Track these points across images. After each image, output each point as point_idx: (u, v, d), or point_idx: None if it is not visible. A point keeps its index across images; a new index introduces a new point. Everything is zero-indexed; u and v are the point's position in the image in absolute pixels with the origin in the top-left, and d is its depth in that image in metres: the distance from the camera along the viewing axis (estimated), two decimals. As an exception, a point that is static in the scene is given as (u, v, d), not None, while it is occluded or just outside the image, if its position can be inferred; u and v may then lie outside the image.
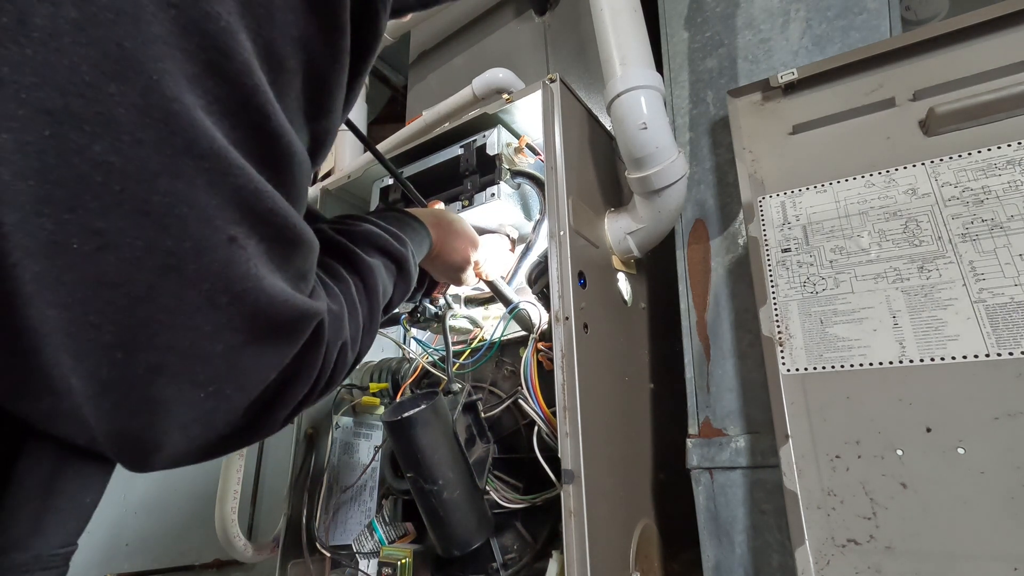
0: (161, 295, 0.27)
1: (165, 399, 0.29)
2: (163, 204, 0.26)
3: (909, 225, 0.66)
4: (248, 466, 1.76)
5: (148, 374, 0.28)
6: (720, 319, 0.82)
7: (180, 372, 0.28)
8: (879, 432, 0.59)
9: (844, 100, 0.76)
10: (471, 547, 0.70)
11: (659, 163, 0.73)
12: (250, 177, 0.29)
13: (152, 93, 0.25)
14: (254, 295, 0.30)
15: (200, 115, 0.26)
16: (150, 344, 0.27)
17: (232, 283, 0.29)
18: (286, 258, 0.32)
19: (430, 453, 0.69)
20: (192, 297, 0.28)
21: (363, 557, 0.85)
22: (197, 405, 0.30)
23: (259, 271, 0.30)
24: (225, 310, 0.29)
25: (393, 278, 0.51)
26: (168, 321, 0.27)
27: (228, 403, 0.31)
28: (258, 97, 0.29)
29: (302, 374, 0.35)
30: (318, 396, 0.39)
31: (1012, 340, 0.56)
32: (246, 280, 0.29)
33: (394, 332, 1.04)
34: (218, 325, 0.29)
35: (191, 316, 0.28)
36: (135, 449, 0.30)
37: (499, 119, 0.88)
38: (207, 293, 0.28)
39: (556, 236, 0.72)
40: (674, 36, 1.00)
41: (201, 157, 0.27)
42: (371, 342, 0.46)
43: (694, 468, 0.78)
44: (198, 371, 0.29)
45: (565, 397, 0.64)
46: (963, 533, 0.52)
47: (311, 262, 0.36)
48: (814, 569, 0.57)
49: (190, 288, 0.27)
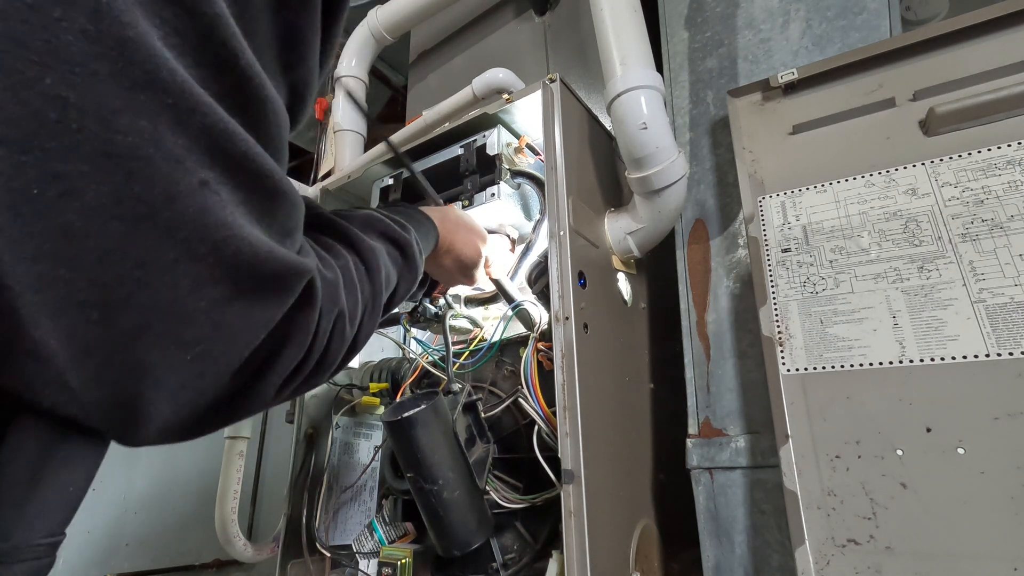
0: (133, 247, 0.25)
1: (150, 363, 0.27)
2: (126, 145, 0.24)
3: (909, 225, 0.66)
4: (248, 466, 1.76)
5: (129, 335, 0.26)
6: (720, 319, 0.82)
7: (163, 332, 0.27)
8: (879, 432, 0.59)
9: (844, 100, 0.76)
10: (471, 547, 0.70)
11: (659, 163, 0.73)
12: (220, 116, 0.26)
13: (102, 18, 0.23)
14: (235, 244, 0.27)
15: (159, 45, 0.24)
16: (128, 302, 0.25)
17: (209, 231, 0.26)
18: (266, 211, 0.30)
19: (430, 453, 0.69)
20: (167, 248, 0.26)
21: (363, 557, 0.85)
22: (184, 368, 0.28)
23: (237, 219, 0.28)
24: (205, 261, 0.27)
25: (398, 266, 0.49)
26: (144, 277, 0.25)
27: (216, 365, 0.29)
28: (221, 30, 0.26)
29: (294, 337, 0.33)
30: (315, 372, 0.37)
31: (1012, 340, 0.56)
32: (224, 228, 0.27)
33: (394, 332, 1.04)
34: (199, 279, 0.27)
35: (169, 270, 0.26)
36: (123, 419, 0.28)
37: (499, 119, 0.88)
38: (184, 243, 0.26)
39: (556, 236, 0.72)
40: (674, 36, 1.00)
41: (164, 91, 0.24)
42: (373, 326, 0.44)
43: (694, 468, 0.78)
44: (182, 331, 0.27)
45: (565, 397, 0.64)
46: (963, 533, 0.52)
47: (295, 219, 0.33)
48: (814, 569, 0.57)
49: (165, 238, 0.25)
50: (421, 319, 0.88)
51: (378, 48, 1.44)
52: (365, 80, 1.45)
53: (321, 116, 1.62)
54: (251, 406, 0.33)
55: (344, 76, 1.40)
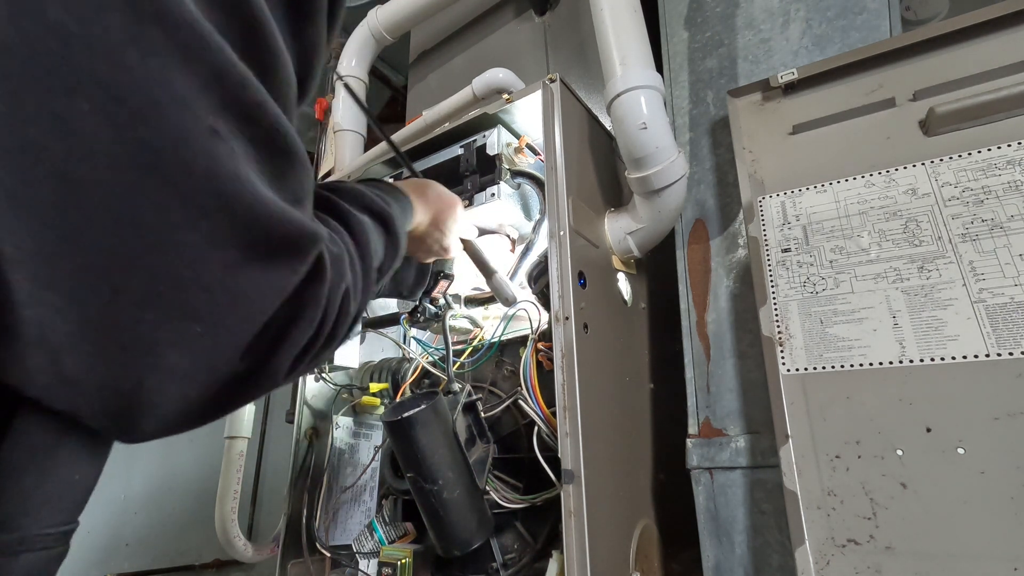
0: (139, 200, 0.22)
1: (157, 338, 0.24)
2: (132, 83, 0.21)
3: (909, 225, 0.66)
4: (248, 466, 1.76)
5: (133, 305, 0.23)
6: (720, 319, 0.82)
7: (172, 302, 0.24)
8: (879, 432, 0.59)
9: (844, 100, 0.76)
10: (471, 547, 0.70)
11: (659, 163, 0.73)
12: (233, 62, 0.24)
13: None
14: (247, 200, 0.25)
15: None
16: (132, 266, 0.23)
17: (220, 183, 0.24)
18: (279, 172, 0.28)
19: (430, 453, 0.69)
20: (174, 202, 0.23)
21: (363, 557, 0.85)
22: (194, 342, 0.25)
23: (249, 175, 0.25)
24: (214, 217, 0.24)
25: (383, 239, 0.47)
26: (151, 238, 0.23)
27: (230, 337, 0.27)
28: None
29: (306, 311, 0.31)
30: (321, 349, 0.34)
31: (1012, 340, 0.56)
32: (236, 181, 0.24)
33: (394, 332, 1.04)
34: (209, 238, 0.24)
35: (177, 228, 0.23)
36: (126, 409, 0.26)
37: (499, 119, 0.88)
38: (192, 196, 0.23)
39: (556, 236, 0.72)
40: (674, 36, 1.00)
41: (175, 27, 0.22)
42: (366, 302, 0.42)
43: (694, 468, 0.78)
44: (192, 300, 0.25)
45: (565, 397, 0.64)
46: (963, 533, 0.52)
47: (307, 186, 0.31)
48: (814, 569, 0.57)
49: (171, 190, 0.23)
50: (421, 319, 0.88)
51: (378, 48, 1.44)
52: (365, 80, 1.45)
53: (321, 116, 1.62)
54: (260, 387, 0.30)
55: (344, 76, 1.40)
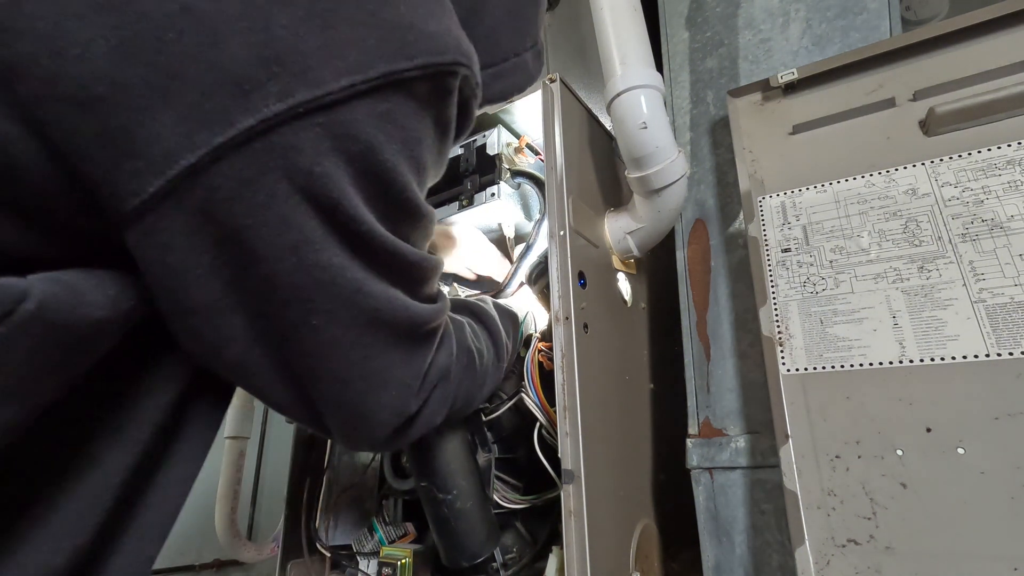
0: (366, 338, 0.39)
1: (368, 406, 0.42)
2: (365, 296, 0.38)
3: (909, 225, 0.66)
4: (248, 466, 1.76)
5: (358, 395, 0.41)
6: (720, 319, 0.82)
7: (370, 382, 0.42)
8: (879, 432, 0.59)
9: (844, 100, 0.76)
10: (479, 559, 0.69)
11: (659, 162, 0.73)
12: (408, 257, 0.41)
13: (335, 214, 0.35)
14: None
15: (364, 208, 0.36)
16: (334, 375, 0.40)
17: (407, 321, 0.42)
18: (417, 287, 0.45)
19: (447, 462, 0.68)
20: (385, 333, 0.40)
21: (363, 557, 0.84)
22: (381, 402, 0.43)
23: (408, 303, 0.44)
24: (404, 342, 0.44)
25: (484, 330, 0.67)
26: (357, 357, 0.40)
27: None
28: (408, 191, 0.38)
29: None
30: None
31: (1012, 340, 0.56)
32: (407, 309, 0.43)
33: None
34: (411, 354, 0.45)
35: (375, 346, 0.40)
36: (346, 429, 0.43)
37: (499, 119, 0.88)
38: (395, 331, 0.41)
39: (556, 236, 0.71)
40: (674, 36, 1.00)
41: (381, 252, 0.39)
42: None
43: (694, 468, 0.78)
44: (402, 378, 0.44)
45: (565, 397, 0.64)
46: (963, 533, 0.52)
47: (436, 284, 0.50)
48: (814, 569, 0.57)
49: (388, 329, 0.41)
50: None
51: (378, 48, 1.43)
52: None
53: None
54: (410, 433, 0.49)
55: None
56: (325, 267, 0.34)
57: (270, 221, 0.31)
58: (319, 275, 0.34)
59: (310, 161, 0.30)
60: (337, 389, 0.39)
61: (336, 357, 0.38)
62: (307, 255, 0.33)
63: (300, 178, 0.30)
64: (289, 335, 0.36)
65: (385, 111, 0.33)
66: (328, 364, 0.38)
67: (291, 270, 0.33)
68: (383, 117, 0.33)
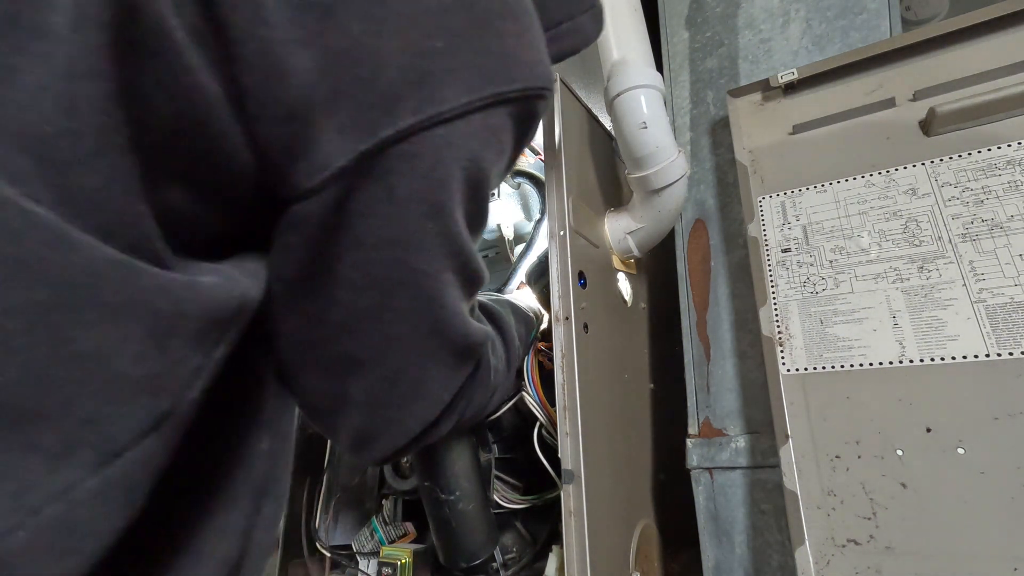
0: (420, 344, 0.41)
1: (403, 412, 0.44)
2: (434, 296, 0.40)
3: (909, 225, 0.66)
4: (248, 466, 1.76)
5: (402, 397, 0.43)
6: (720, 319, 0.82)
7: (404, 391, 0.43)
8: (879, 432, 0.59)
9: (844, 100, 0.76)
10: (478, 560, 0.69)
11: (659, 162, 0.73)
12: (474, 265, 0.43)
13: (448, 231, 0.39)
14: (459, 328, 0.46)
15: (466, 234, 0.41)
16: (401, 378, 0.42)
17: (458, 335, 0.44)
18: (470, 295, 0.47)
19: (452, 461, 0.68)
20: (434, 342, 0.42)
21: (363, 557, 0.84)
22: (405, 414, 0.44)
23: (462, 309, 0.46)
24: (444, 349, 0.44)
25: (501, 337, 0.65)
26: (410, 358, 0.42)
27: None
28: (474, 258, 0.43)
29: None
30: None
31: (1012, 340, 0.56)
32: (459, 317, 0.44)
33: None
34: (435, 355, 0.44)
35: (424, 353, 0.42)
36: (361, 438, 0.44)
37: (499, 119, 0.88)
38: (444, 341, 0.43)
39: (556, 236, 0.71)
40: (674, 36, 1.00)
41: (459, 258, 0.42)
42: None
43: (694, 468, 0.78)
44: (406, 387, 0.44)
45: (565, 397, 0.64)
46: (963, 533, 0.52)
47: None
48: (814, 569, 0.57)
49: (439, 339, 0.42)
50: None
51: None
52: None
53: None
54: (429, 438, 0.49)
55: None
56: (414, 268, 0.38)
57: (380, 213, 0.35)
58: (406, 275, 0.38)
59: (428, 167, 0.35)
60: (382, 388, 0.42)
61: (394, 355, 0.41)
62: (402, 251, 0.37)
63: (416, 181, 0.35)
64: (353, 325, 0.39)
65: (490, 126, 0.38)
66: (385, 361, 0.41)
67: (386, 262, 0.37)
68: (488, 131, 0.38)
